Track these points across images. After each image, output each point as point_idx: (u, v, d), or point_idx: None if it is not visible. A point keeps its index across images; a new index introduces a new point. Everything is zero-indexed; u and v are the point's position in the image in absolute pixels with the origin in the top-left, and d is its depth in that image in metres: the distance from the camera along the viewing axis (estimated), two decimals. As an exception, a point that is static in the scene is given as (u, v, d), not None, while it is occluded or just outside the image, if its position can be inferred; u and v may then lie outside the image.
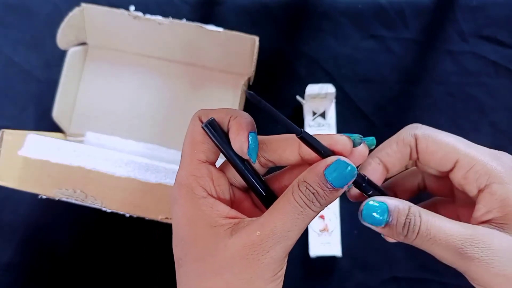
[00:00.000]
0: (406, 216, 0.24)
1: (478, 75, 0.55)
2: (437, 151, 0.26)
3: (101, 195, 0.40)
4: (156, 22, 0.51)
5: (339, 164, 0.23)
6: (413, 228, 0.24)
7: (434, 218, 0.24)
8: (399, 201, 0.25)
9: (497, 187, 0.24)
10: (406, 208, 0.24)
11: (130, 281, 0.52)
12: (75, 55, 0.53)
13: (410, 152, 0.26)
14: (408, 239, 0.24)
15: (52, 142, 0.40)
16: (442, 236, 0.23)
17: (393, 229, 0.24)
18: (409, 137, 0.26)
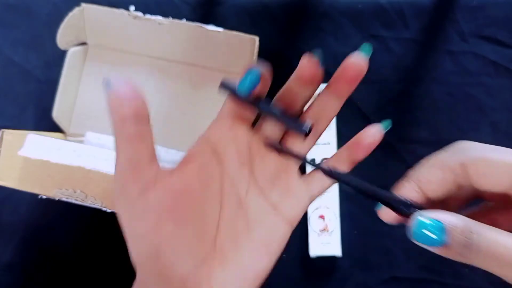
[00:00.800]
0: (466, 235, 0.21)
1: (478, 75, 0.55)
2: (491, 172, 0.23)
3: (101, 195, 0.40)
4: (156, 22, 0.51)
5: None
6: (477, 248, 0.20)
7: (498, 235, 0.21)
8: (454, 217, 0.21)
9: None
10: (464, 225, 0.21)
11: (130, 281, 0.52)
12: (75, 55, 0.53)
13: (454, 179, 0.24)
14: (469, 259, 0.21)
15: (52, 142, 0.40)
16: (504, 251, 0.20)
17: (452, 250, 0.21)
18: (455, 163, 0.23)
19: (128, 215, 0.23)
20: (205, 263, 0.24)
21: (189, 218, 0.24)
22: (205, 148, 0.26)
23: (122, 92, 0.22)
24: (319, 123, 0.27)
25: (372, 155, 0.28)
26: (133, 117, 0.22)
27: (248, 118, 0.27)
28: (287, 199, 0.26)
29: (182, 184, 0.24)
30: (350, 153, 0.27)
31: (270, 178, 0.26)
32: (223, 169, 0.26)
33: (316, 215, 0.50)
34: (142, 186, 0.23)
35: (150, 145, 0.24)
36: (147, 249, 0.24)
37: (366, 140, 0.26)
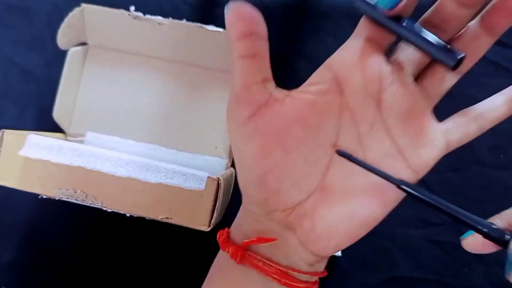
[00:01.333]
0: None
1: (478, 75, 0.55)
2: None
3: (101, 195, 0.40)
4: (156, 22, 0.51)
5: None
6: None
7: None
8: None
9: None
10: None
11: (130, 281, 0.52)
12: (75, 55, 0.53)
13: None
14: None
15: (52, 142, 0.41)
16: None
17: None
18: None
19: (238, 138, 0.22)
20: (310, 198, 0.23)
21: (299, 148, 0.22)
22: (326, 74, 0.23)
23: (237, 9, 0.21)
24: (467, 60, 0.23)
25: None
26: (247, 34, 0.21)
27: (385, 42, 0.23)
28: (417, 144, 0.23)
29: (295, 111, 0.22)
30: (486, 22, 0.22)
31: (400, 116, 0.23)
32: (345, 99, 0.23)
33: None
34: (252, 108, 0.22)
35: (265, 65, 0.22)
36: (253, 175, 0.23)
37: None
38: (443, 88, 0.24)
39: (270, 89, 0.22)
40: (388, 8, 0.21)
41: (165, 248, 0.52)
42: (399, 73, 0.23)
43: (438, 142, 0.24)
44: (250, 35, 0.21)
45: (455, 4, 0.21)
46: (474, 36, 0.22)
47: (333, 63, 0.23)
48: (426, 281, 0.51)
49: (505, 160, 0.53)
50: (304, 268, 0.25)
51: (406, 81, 0.23)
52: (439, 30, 0.22)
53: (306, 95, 0.23)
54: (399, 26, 0.21)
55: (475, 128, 0.25)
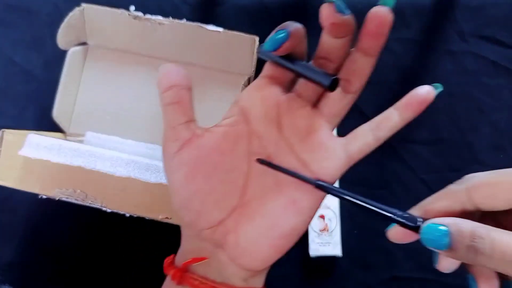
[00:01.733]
0: (471, 238, 0.21)
1: (478, 75, 0.55)
2: (496, 193, 0.23)
3: (101, 195, 0.40)
4: (156, 22, 0.51)
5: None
6: (483, 250, 0.21)
7: (503, 235, 0.21)
8: (461, 222, 0.22)
9: None
10: (470, 229, 0.22)
11: (130, 281, 0.52)
12: (75, 55, 0.53)
13: (463, 207, 0.24)
14: (478, 261, 0.22)
15: (52, 142, 0.41)
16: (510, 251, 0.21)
17: (458, 252, 0.22)
18: (460, 192, 0.24)
19: (168, 169, 0.26)
20: (232, 215, 0.26)
21: (217, 172, 0.26)
22: (234, 108, 0.27)
23: (164, 69, 0.26)
24: (352, 82, 0.26)
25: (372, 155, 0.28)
26: (171, 86, 0.26)
27: (282, 80, 0.27)
28: (320, 157, 0.26)
29: (212, 142, 0.26)
30: (401, 112, 0.27)
31: (299, 135, 0.26)
32: (251, 127, 0.26)
33: (316, 215, 0.50)
34: (179, 144, 0.26)
35: (188, 109, 0.27)
36: (181, 199, 0.26)
37: (418, 97, 0.27)
38: (337, 108, 0.27)
39: (193, 127, 0.26)
40: (273, 50, 0.24)
41: (165, 248, 0.52)
42: (295, 101, 0.26)
43: (339, 153, 0.26)
44: (173, 87, 0.26)
45: (330, 37, 0.24)
46: (354, 60, 0.25)
47: (239, 99, 0.27)
48: (426, 281, 0.51)
49: (505, 160, 0.53)
50: (238, 283, 0.27)
51: (301, 106, 0.26)
52: (327, 61, 0.25)
53: (220, 128, 0.27)
54: (288, 63, 0.25)
55: (372, 138, 0.27)
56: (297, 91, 0.27)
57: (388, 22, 0.23)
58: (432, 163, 0.53)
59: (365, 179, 0.53)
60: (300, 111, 0.26)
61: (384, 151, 0.54)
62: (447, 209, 0.24)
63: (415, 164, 0.53)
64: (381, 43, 0.24)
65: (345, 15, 0.24)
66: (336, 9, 0.23)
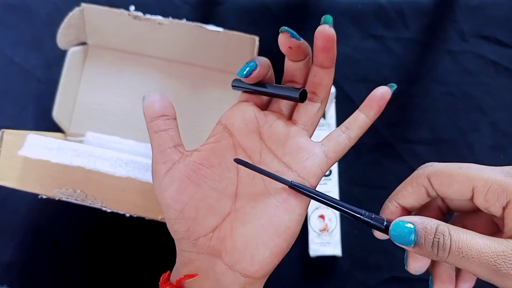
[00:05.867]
0: (434, 235, 0.24)
1: (478, 75, 0.55)
2: (451, 183, 0.26)
3: (101, 195, 0.40)
4: (156, 22, 0.51)
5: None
6: (443, 246, 0.23)
7: (464, 235, 0.23)
8: (426, 220, 0.24)
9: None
10: (434, 226, 0.24)
11: (130, 281, 0.52)
12: (75, 55, 0.53)
13: (427, 191, 0.27)
14: (439, 257, 0.24)
15: (52, 142, 0.40)
16: (474, 254, 0.23)
17: (423, 248, 0.24)
18: (422, 177, 0.27)
19: (159, 189, 0.28)
20: (226, 220, 0.28)
21: (208, 182, 0.28)
22: (218, 127, 0.30)
23: (149, 99, 0.29)
24: (317, 92, 0.29)
25: (372, 155, 0.28)
26: (158, 115, 0.29)
27: (257, 103, 0.30)
28: (300, 158, 0.28)
29: (201, 157, 0.28)
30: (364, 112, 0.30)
31: (279, 142, 0.29)
32: (235, 139, 0.29)
33: (316, 215, 0.50)
34: (168, 165, 0.28)
35: (174, 135, 0.29)
36: (174, 212, 0.28)
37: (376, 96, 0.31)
38: (310, 117, 0.30)
39: (181, 150, 0.29)
40: (245, 77, 0.28)
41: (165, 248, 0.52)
42: (272, 114, 0.30)
43: (317, 154, 0.29)
44: (160, 117, 0.29)
45: (291, 61, 0.29)
46: (315, 74, 0.29)
47: (222, 119, 0.30)
48: (426, 281, 0.51)
49: (505, 160, 0.53)
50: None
51: (277, 118, 0.30)
52: (293, 83, 0.30)
53: (206, 145, 0.29)
54: (259, 88, 0.29)
55: (345, 138, 0.30)
56: (272, 109, 0.30)
57: (332, 37, 0.27)
58: (432, 163, 0.53)
59: (365, 179, 0.53)
60: (277, 122, 0.29)
61: (384, 151, 0.54)
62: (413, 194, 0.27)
63: (415, 164, 0.53)
64: (332, 56, 0.28)
65: (298, 41, 0.28)
66: (290, 35, 0.27)
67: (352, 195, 0.52)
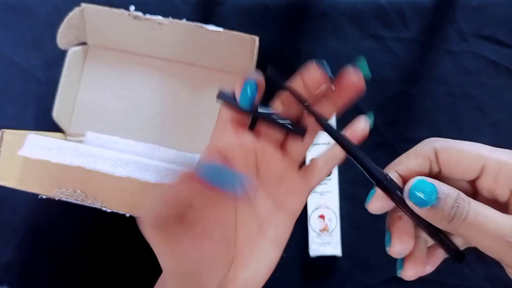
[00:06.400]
0: (456, 200, 0.23)
1: (478, 75, 0.55)
2: (461, 160, 0.24)
3: (101, 195, 0.40)
4: (156, 22, 0.51)
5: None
6: (461, 212, 0.22)
7: (483, 207, 0.23)
8: (448, 187, 0.23)
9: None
10: (455, 193, 0.23)
11: (130, 281, 0.52)
12: (75, 55, 0.53)
13: (430, 166, 0.26)
14: (453, 224, 0.23)
15: (52, 142, 0.40)
16: (491, 224, 0.22)
17: (440, 212, 0.23)
18: (428, 150, 0.25)
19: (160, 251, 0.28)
20: (231, 266, 0.28)
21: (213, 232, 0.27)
22: (214, 155, 0.28)
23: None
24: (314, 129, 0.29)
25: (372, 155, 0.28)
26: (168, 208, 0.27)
27: (247, 122, 0.29)
28: (291, 196, 0.29)
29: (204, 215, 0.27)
30: None
31: (275, 179, 0.29)
32: None
33: (316, 215, 0.50)
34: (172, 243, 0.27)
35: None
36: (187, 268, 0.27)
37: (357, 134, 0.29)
38: (304, 149, 0.29)
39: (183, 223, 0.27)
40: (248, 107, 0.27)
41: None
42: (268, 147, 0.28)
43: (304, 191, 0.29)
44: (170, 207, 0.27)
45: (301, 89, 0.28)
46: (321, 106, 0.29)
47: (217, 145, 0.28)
48: (426, 281, 0.51)
49: (505, 160, 0.53)
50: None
51: (274, 152, 0.29)
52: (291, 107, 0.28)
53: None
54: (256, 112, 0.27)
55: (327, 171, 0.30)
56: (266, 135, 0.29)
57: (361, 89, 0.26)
58: (432, 163, 0.53)
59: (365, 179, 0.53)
60: (273, 158, 0.29)
61: (384, 151, 0.54)
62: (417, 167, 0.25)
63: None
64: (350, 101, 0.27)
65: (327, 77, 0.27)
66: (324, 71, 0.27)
67: (352, 195, 0.52)
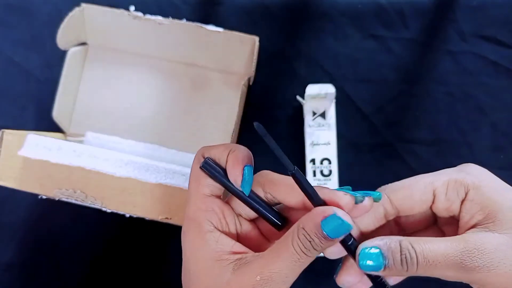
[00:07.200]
0: (401, 253, 0.24)
1: (478, 75, 0.55)
2: (413, 193, 0.26)
3: (101, 195, 0.40)
4: (156, 22, 0.51)
5: (334, 219, 0.24)
6: (411, 261, 0.24)
7: (426, 244, 0.24)
8: (387, 239, 0.25)
9: (473, 192, 0.25)
10: (397, 244, 0.24)
11: (130, 281, 0.52)
12: (75, 55, 0.53)
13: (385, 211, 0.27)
14: (410, 273, 0.24)
15: (52, 142, 0.40)
16: (441, 259, 0.24)
17: (393, 269, 0.24)
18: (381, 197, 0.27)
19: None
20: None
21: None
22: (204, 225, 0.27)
23: None
24: None
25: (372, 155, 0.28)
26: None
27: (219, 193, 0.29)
28: None
29: None
30: None
31: None
32: None
33: (316, 215, 0.50)
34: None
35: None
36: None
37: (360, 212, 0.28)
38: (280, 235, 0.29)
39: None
40: (248, 192, 0.27)
41: (165, 248, 0.52)
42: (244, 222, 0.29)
43: None
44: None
45: None
46: None
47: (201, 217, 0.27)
48: (426, 281, 0.51)
49: (505, 160, 0.53)
50: None
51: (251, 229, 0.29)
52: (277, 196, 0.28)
53: None
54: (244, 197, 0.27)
55: None
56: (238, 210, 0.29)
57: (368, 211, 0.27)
58: (432, 163, 0.53)
59: (365, 179, 0.53)
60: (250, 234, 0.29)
61: (384, 151, 0.54)
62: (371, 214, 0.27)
63: (415, 164, 0.53)
64: None
65: None
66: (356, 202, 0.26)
67: (352, 195, 0.52)
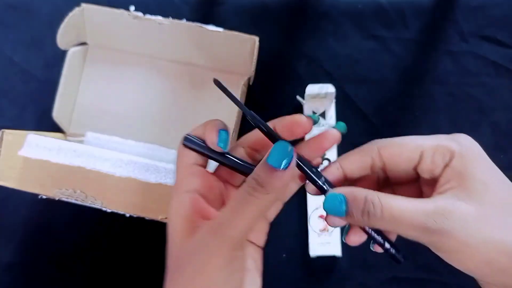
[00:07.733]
0: (364, 203, 0.25)
1: (478, 75, 0.55)
2: (402, 152, 0.27)
3: (101, 195, 0.40)
4: (156, 22, 0.51)
5: (278, 146, 0.24)
6: (374, 213, 0.24)
7: (394, 200, 0.25)
8: (356, 190, 0.26)
9: (456, 161, 0.26)
10: (362, 195, 0.25)
11: (130, 281, 0.52)
12: (75, 55, 0.53)
13: (372, 163, 0.28)
14: (372, 224, 0.25)
15: (52, 142, 0.41)
16: (407, 216, 0.24)
17: (353, 217, 0.25)
18: (371, 148, 0.28)
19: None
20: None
21: None
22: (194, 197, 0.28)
23: None
24: None
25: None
26: None
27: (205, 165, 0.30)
28: None
29: None
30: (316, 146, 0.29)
31: None
32: None
33: (316, 215, 0.50)
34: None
35: None
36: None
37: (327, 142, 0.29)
38: None
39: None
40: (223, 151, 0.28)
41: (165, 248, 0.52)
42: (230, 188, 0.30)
43: None
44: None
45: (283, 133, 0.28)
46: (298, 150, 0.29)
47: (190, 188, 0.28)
48: (426, 281, 0.51)
49: (505, 160, 0.53)
50: None
51: None
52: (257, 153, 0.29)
53: None
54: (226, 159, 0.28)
55: None
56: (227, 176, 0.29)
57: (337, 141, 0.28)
58: (432, 163, 0.53)
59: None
60: None
61: (384, 151, 0.54)
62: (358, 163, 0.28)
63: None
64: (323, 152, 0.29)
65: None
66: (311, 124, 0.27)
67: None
